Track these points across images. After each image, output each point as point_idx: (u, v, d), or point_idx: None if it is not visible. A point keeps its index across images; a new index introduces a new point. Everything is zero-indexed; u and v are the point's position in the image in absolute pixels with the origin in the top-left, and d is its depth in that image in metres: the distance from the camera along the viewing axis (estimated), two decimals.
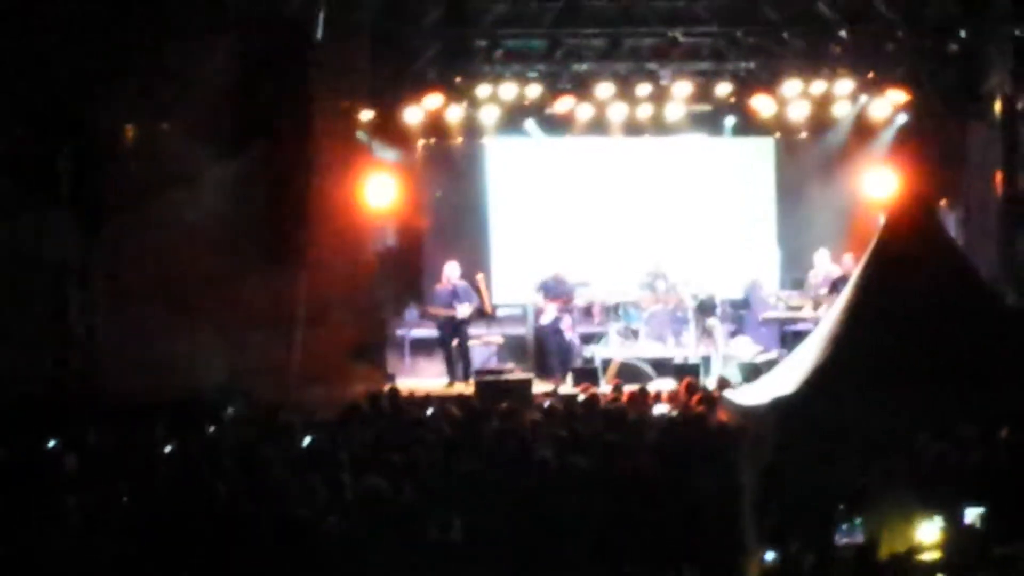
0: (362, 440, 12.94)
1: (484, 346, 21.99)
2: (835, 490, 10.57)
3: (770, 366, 17.35)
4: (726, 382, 17.26)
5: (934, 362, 13.12)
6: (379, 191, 22.06)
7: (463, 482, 11.05)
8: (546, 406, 15.55)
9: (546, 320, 21.22)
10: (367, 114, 21.95)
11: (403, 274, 23.30)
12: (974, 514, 10.16)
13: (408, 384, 19.14)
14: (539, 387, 19.21)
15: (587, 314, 22.07)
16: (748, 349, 20.98)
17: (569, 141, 23.57)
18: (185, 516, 10.36)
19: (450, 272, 21.29)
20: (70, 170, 17.74)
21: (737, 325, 21.95)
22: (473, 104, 22.65)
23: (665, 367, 20.07)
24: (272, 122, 19.01)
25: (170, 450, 12.59)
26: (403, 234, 23.27)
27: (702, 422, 13.54)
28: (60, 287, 17.80)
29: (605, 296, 21.77)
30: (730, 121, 23.48)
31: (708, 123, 23.60)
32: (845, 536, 10.13)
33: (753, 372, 18.28)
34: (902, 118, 22.76)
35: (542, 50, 22.95)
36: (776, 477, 10.93)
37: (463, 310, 20.98)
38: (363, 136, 22.09)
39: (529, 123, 23.33)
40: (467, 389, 19.36)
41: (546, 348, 21.18)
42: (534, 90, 22.58)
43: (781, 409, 13.56)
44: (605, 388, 18.49)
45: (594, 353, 21.04)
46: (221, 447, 12.62)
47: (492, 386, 18.43)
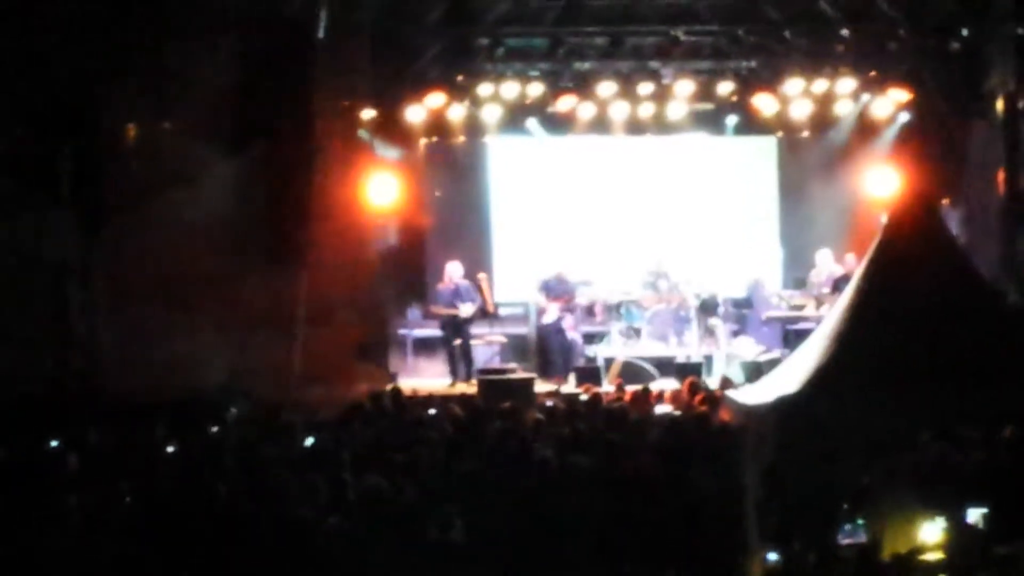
0: (364, 440, 12.93)
1: (486, 345, 21.96)
2: (837, 490, 10.58)
3: (772, 365, 17.32)
4: (728, 381, 17.27)
5: (936, 361, 13.10)
6: (381, 190, 22.03)
7: (464, 482, 11.05)
8: (548, 406, 15.55)
9: (548, 319, 21.20)
10: (369, 113, 21.93)
11: (405, 273, 23.26)
12: (976, 514, 10.15)
13: (410, 384, 19.09)
14: (541, 387, 19.22)
15: (589, 313, 22.05)
16: (750, 348, 20.97)
17: (571, 140, 23.56)
18: (186, 516, 10.36)
19: (452, 271, 21.27)
20: (70, 170, 17.73)
21: (739, 324, 21.95)
22: (475, 103, 22.64)
23: (667, 366, 20.07)
24: (273, 121, 18.99)
25: (171, 450, 12.60)
26: (405, 233, 23.21)
27: (704, 422, 13.52)
28: (60, 287, 17.78)
29: (607, 295, 21.77)
30: (732, 120, 23.46)
31: (710, 122, 23.58)
32: (847, 536, 10.13)
33: (755, 371, 18.29)
34: (904, 117, 22.75)
35: (544, 49, 22.91)
36: (778, 477, 10.93)
37: (465, 309, 20.96)
38: (365, 135, 22.06)
39: (531, 122, 23.32)
40: (469, 389, 19.34)
41: (548, 347, 21.15)
42: (536, 89, 22.58)
43: (783, 409, 13.54)
44: (607, 388, 18.49)
45: (596, 352, 21.04)
46: (222, 447, 12.62)
47: (495, 385, 18.41)
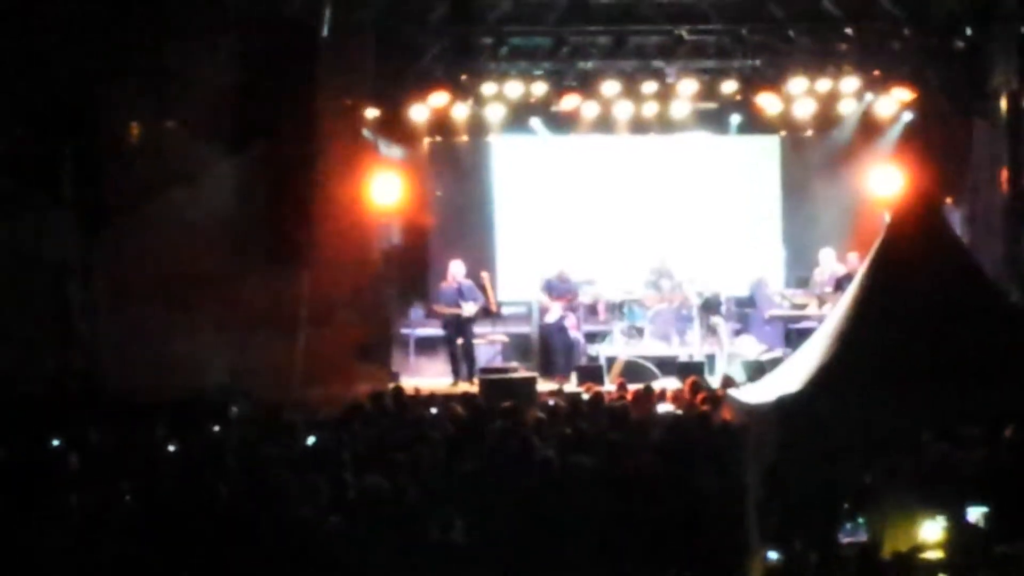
0: (365, 439, 12.92)
1: (489, 344, 21.96)
2: (839, 489, 10.59)
3: (775, 364, 17.29)
4: (730, 380, 17.23)
5: (938, 361, 13.06)
6: (384, 189, 22.00)
7: (466, 481, 11.05)
8: (550, 405, 15.54)
9: (551, 319, 21.19)
10: (372, 112, 21.92)
11: (408, 272, 23.25)
12: (977, 513, 10.16)
13: (412, 383, 19.06)
14: (543, 386, 19.19)
15: (592, 312, 22.04)
16: (753, 347, 20.97)
17: (574, 139, 23.55)
18: (187, 516, 10.37)
19: (455, 270, 21.26)
20: (71, 170, 17.75)
21: (742, 323, 21.96)
22: (479, 102, 22.62)
23: (669, 365, 20.06)
24: (275, 121, 18.97)
25: (172, 450, 12.60)
26: (408, 232, 23.21)
27: (706, 421, 13.51)
28: (61, 287, 17.80)
29: (610, 294, 21.76)
30: (736, 119, 23.44)
31: (713, 121, 23.55)
32: (848, 535, 10.15)
33: (758, 370, 18.28)
34: (908, 116, 22.71)
35: (547, 48, 22.87)
36: (780, 476, 10.93)
37: (468, 308, 20.96)
38: (368, 134, 22.04)
39: (535, 121, 23.31)
40: (471, 388, 19.31)
41: (551, 346, 21.15)
42: (539, 88, 22.55)
43: (785, 408, 13.49)
44: (609, 387, 18.48)
45: (599, 351, 21.03)
46: (223, 447, 12.61)
47: (496, 385, 18.38)
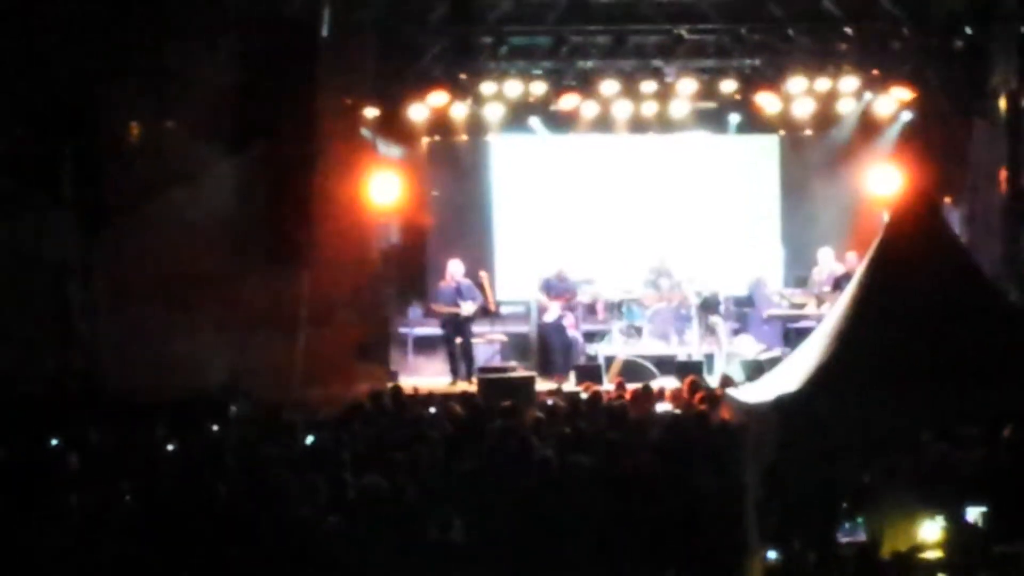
0: (364, 439, 12.93)
1: (487, 344, 21.96)
2: (837, 488, 10.60)
3: (773, 364, 17.30)
4: (729, 380, 17.23)
5: (937, 360, 13.06)
6: (383, 189, 21.99)
7: (464, 481, 11.05)
8: (549, 404, 15.54)
9: (550, 318, 21.19)
10: (371, 111, 21.93)
11: (407, 272, 23.26)
12: (976, 513, 10.16)
13: (411, 382, 19.06)
14: (542, 385, 19.20)
15: (590, 312, 22.04)
16: (751, 347, 20.98)
17: (574, 138, 23.55)
18: (187, 515, 10.37)
19: (454, 270, 21.26)
20: (71, 170, 17.74)
21: (741, 323, 21.96)
22: (478, 101, 22.62)
23: (668, 365, 20.05)
24: (275, 121, 18.96)
25: (172, 450, 12.60)
26: (407, 232, 23.21)
27: (705, 420, 13.51)
28: (61, 287, 17.80)
29: (608, 293, 21.75)
30: (735, 118, 23.44)
31: (713, 120, 23.55)
32: (847, 534, 10.16)
33: (756, 370, 18.27)
34: (907, 115, 22.71)
35: (547, 47, 22.86)
36: (778, 475, 10.94)
37: (467, 308, 20.96)
38: (367, 133, 22.05)
39: (534, 120, 23.32)
40: (470, 387, 19.32)
41: (549, 346, 21.15)
42: (539, 87, 22.54)
43: (784, 407, 13.50)
44: (608, 386, 18.49)
45: (597, 351, 21.04)
46: (223, 446, 12.62)
47: (495, 384, 18.39)
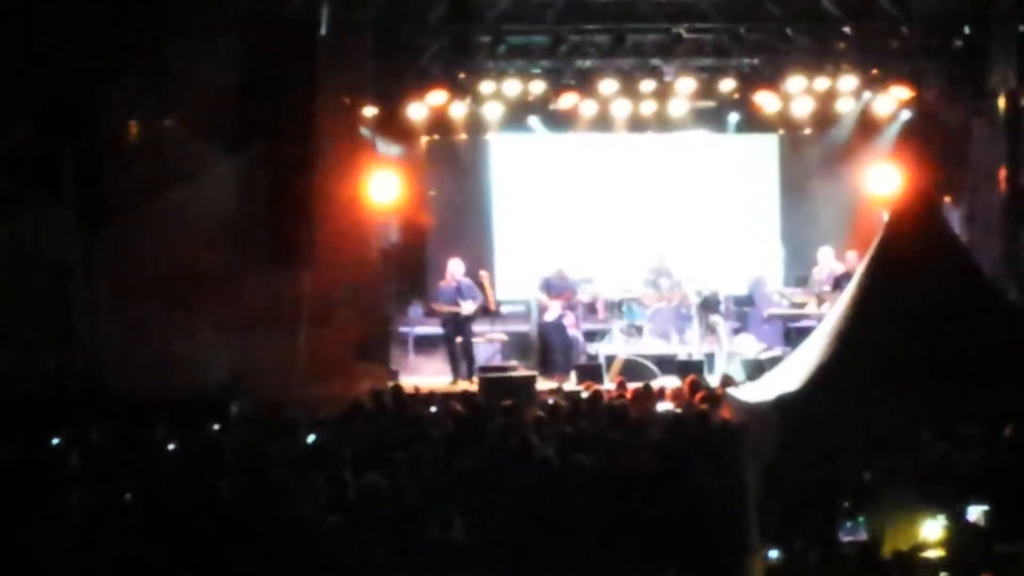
0: (365, 438, 12.93)
1: (488, 343, 21.94)
2: (838, 488, 10.59)
3: (774, 363, 17.34)
4: (730, 379, 17.24)
5: (937, 359, 13.10)
6: (383, 188, 21.96)
7: (465, 480, 11.05)
8: (549, 403, 15.54)
9: (550, 317, 21.17)
10: (371, 110, 21.90)
11: (407, 271, 23.24)
12: (977, 512, 10.16)
13: (412, 381, 19.05)
14: (543, 384, 19.19)
15: (591, 311, 22.01)
16: (752, 346, 20.96)
17: (573, 137, 23.52)
18: (187, 514, 10.37)
19: (454, 269, 21.25)
20: (71, 170, 17.73)
21: (741, 322, 21.93)
22: (477, 100, 22.61)
23: (669, 364, 20.04)
24: (275, 120, 18.96)
25: (173, 449, 12.60)
26: (407, 231, 23.18)
27: (705, 420, 13.51)
28: (62, 286, 17.79)
29: (609, 293, 21.72)
30: (734, 117, 23.43)
31: (712, 119, 23.54)
32: (848, 534, 10.14)
33: (757, 369, 18.29)
34: (906, 115, 22.71)
35: (545, 46, 22.86)
36: (779, 475, 10.94)
37: (467, 307, 20.95)
38: (367, 132, 22.02)
39: (533, 119, 23.30)
40: (471, 386, 19.32)
41: (550, 345, 21.13)
42: (537, 86, 22.52)
43: (784, 406, 13.54)
44: (608, 385, 18.48)
45: (598, 350, 21.03)
46: (224, 445, 12.62)
47: (496, 383, 18.38)
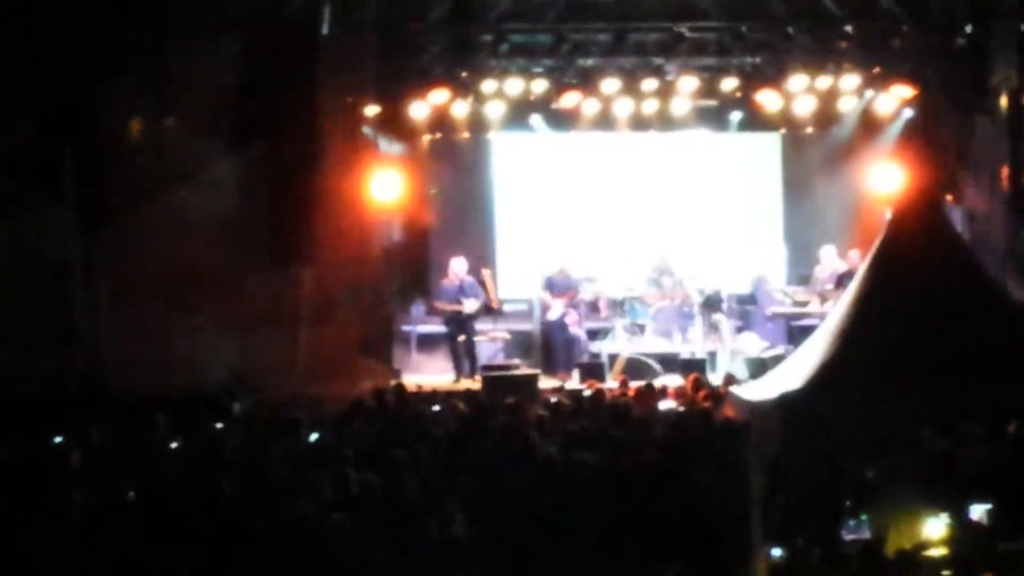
0: (367, 436, 12.93)
1: (490, 342, 21.93)
2: (841, 486, 10.58)
3: (776, 362, 17.33)
4: (732, 378, 17.25)
5: (940, 358, 13.11)
6: (385, 186, 21.97)
7: (467, 478, 11.04)
8: (552, 402, 15.55)
9: (553, 316, 21.16)
10: (372, 109, 21.90)
11: (409, 269, 23.24)
12: (980, 510, 10.15)
13: (414, 380, 19.10)
14: (545, 383, 19.18)
15: (593, 309, 22.01)
16: (755, 344, 20.95)
17: (575, 136, 23.52)
18: (189, 513, 10.36)
19: (457, 267, 21.25)
20: (71, 169, 17.74)
21: (743, 321, 21.93)
22: (479, 99, 22.61)
23: (671, 363, 20.07)
24: (276, 119, 18.97)
25: (174, 447, 12.61)
26: (409, 229, 23.18)
27: (708, 418, 13.53)
28: (62, 286, 17.79)
29: (611, 291, 21.72)
30: (736, 116, 23.41)
31: (714, 118, 23.53)
32: (851, 532, 10.13)
33: (759, 367, 18.28)
34: (908, 113, 22.71)
35: (547, 45, 22.85)
36: (782, 473, 10.93)
37: (469, 305, 20.95)
38: (369, 131, 22.03)
39: (535, 118, 23.28)
40: (474, 385, 19.32)
41: (552, 343, 21.13)
42: (540, 85, 22.53)
43: (787, 405, 13.55)
44: (611, 384, 18.49)
45: (600, 348, 21.03)
46: (226, 444, 12.62)
47: (498, 382, 18.38)
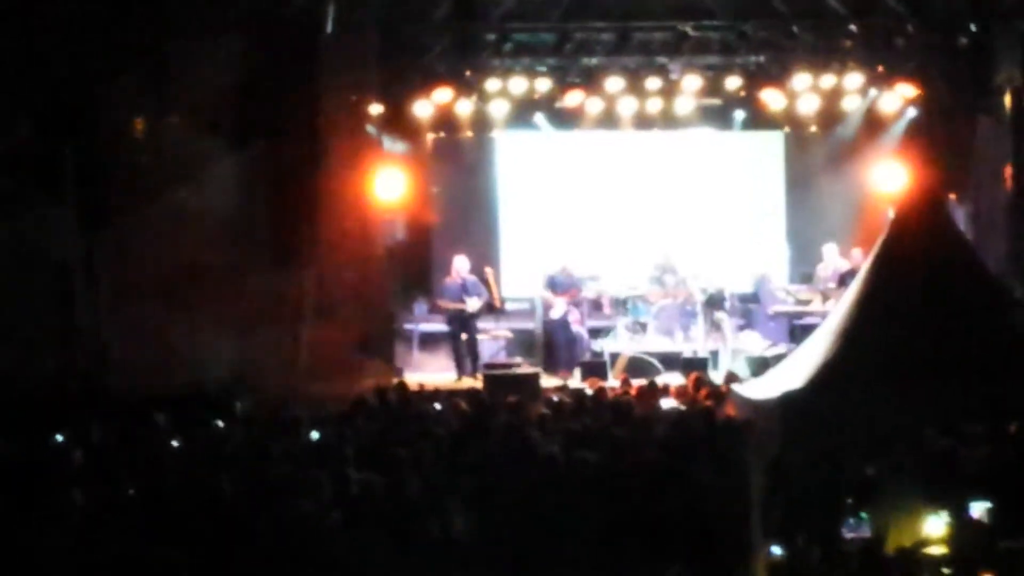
0: (368, 435, 12.93)
1: (493, 340, 21.97)
2: (842, 484, 10.57)
3: (778, 360, 17.31)
4: (734, 376, 17.26)
5: (942, 357, 13.11)
6: (388, 185, 21.99)
7: (468, 477, 11.04)
8: (554, 400, 15.55)
9: (555, 314, 21.15)
10: (376, 108, 21.93)
11: (412, 268, 23.25)
12: (981, 509, 10.15)
13: (416, 378, 19.10)
14: (547, 381, 19.18)
15: (596, 308, 22.01)
16: (757, 343, 20.96)
17: (578, 135, 23.53)
18: (190, 511, 10.36)
19: (459, 266, 21.25)
20: (72, 168, 17.76)
21: (746, 319, 21.93)
22: (482, 98, 22.63)
23: (673, 361, 20.07)
24: (279, 118, 19.00)
25: (176, 445, 12.61)
26: (412, 228, 23.19)
27: (710, 416, 13.52)
28: (64, 285, 17.81)
29: (614, 290, 21.72)
30: (739, 115, 23.42)
31: (717, 117, 23.53)
32: (852, 530, 10.11)
33: (761, 366, 18.27)
34: (911, 112, 22.70)
35: (551, 44, 22.85)
36: (783, 471, 10.92)
37: (472, 304, 20.95)
38: (372, 130, 22.05)
39: (538, 117, 23.29)
40: (476, 383, 19.33)
41: (555, 342, 21.13)
42: (543, 84, 22.53)
43: (789, 403, 13.56)
44: (613, 382, 18.49)
45: (602, 347, 21.04)
46: (227, 442, 12.63)
47: (500, 380, 18.39)
